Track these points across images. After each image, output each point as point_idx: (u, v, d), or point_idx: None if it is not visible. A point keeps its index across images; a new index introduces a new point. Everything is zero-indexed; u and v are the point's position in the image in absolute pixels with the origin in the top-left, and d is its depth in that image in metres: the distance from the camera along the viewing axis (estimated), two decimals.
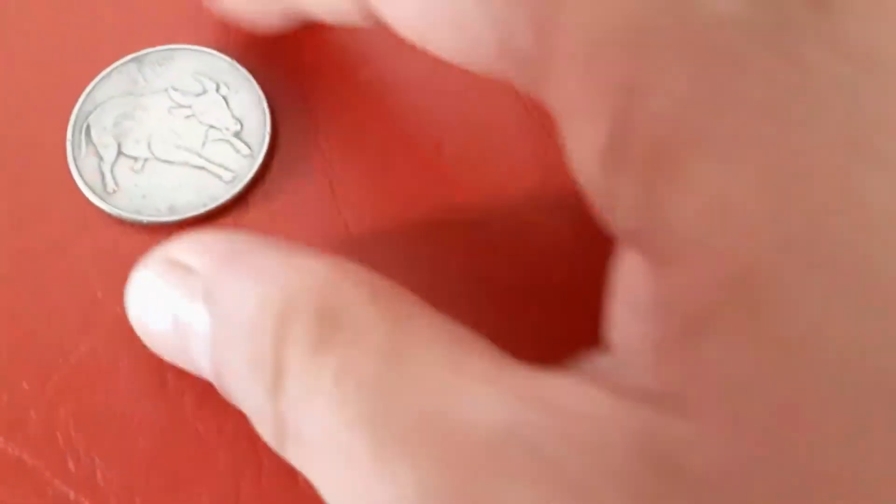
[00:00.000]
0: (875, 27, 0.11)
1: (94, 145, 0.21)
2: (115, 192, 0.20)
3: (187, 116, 0.21)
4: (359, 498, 0.13)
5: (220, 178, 0.20)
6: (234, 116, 0.21)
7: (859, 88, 0.11)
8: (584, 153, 0.13)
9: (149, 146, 0.21)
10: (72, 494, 0.17)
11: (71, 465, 0.18)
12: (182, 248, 0.16)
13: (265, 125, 0.21)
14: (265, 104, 0.21)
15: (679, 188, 0.11)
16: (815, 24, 0.11)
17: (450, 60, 0.16)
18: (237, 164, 0.20)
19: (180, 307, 0.16)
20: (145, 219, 0.20)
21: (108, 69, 0.21)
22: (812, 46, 0.11)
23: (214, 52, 0.21)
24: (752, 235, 0.11)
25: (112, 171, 0.20)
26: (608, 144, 0.12)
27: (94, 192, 0.20)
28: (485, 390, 0.12)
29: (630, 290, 0.13)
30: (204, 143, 0.21)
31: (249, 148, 0.21)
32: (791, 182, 0.11)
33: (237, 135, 0.21)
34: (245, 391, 0.15)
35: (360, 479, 0.13)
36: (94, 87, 0.21)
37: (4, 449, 0.18)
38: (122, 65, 0.21)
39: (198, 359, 0.16)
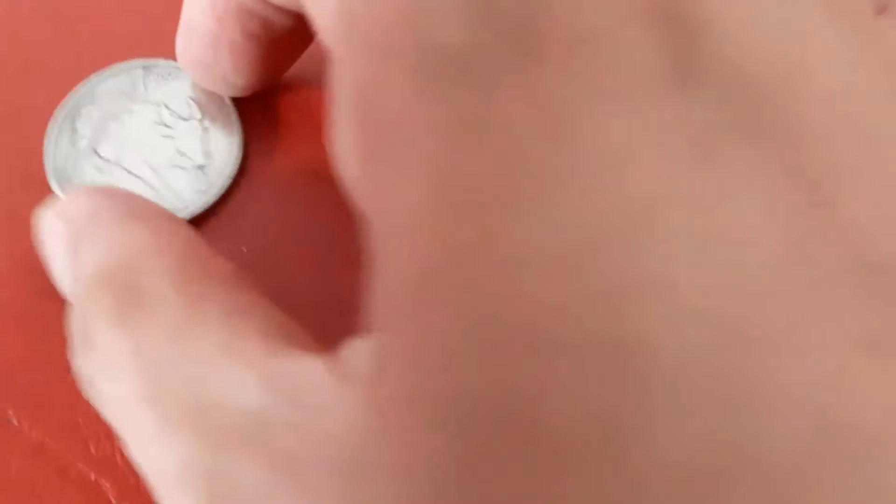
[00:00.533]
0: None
1: (76, 132, 0.22)
2: (71, 181, 0.21)
3: (165, 136, 0.22)
4: (152, 462, 0.14)
5: (170, 203, 0.21)
6: (205, 150, 0.22)
7: (536, 137, 0.11)
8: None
9: (120, 152, 0.22)
10: (92, 475, 0.19)
11: (92, 448, 0.19)
12: (69, 200, 0.17)
13: (226, 168, 0.22)
14: (238, 149, 0.22)
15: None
16: (517, 70, 0.12)
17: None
18: (191, 197, 0.21)
19: (56, 255, 0.17)
20: None
21: (117, 67, 0.22)
22: (506, 90, 0.12)
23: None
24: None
25: (77, 162, 0.22)
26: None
27: (55, 176, 0.21)
28: (244, 374, 0.13)
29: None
30: (169, 167, 0.22)
31: (207, 185, 0.22)
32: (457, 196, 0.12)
33: (201, 168, 0.22)
34: (73, 348, 0.16)
35: (150, 447, 0.14)
36: (98, 80, 0.22)
37: (28, 434, 0.19)
38: (131, 68, 0.23)
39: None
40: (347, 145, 0.13)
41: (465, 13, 0.12)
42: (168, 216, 0.17)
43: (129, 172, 0.22)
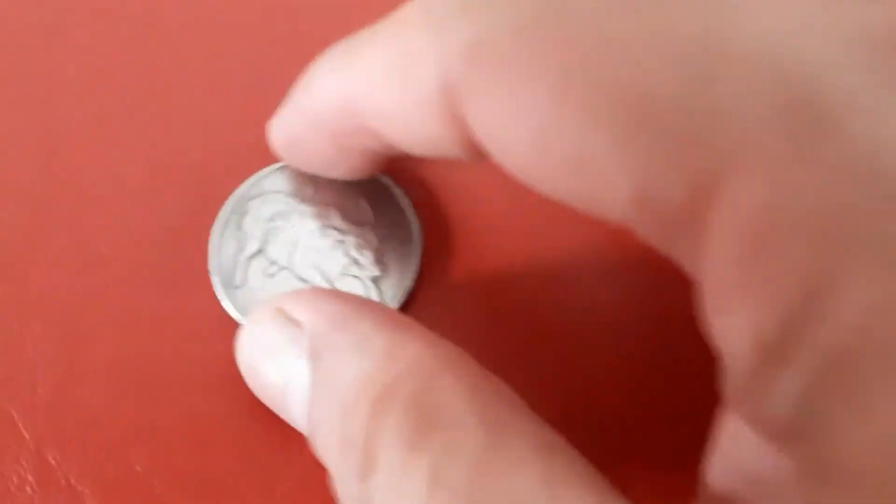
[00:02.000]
0: None
1: (243, 231, 0.20)
2: (238, 287, 0.20)
3: (338, 241, 0.20)
4: None
5: None
6: (379, 261, 0.20)
7: None
8: (736, 333, 0.12)
9: (290, 255, 0.20)
10: None
11: None
12: (296, 303, 0.16)
13: (405, 282, 0.20)
14: (416, 261, 0.20)
15: (855, 413, 0.11)
16: None
17: (560, 201, 0.15)
18: None
19: (286, 362, 0.16)
20: None
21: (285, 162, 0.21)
22: None
23: (392, 184, 0.21)
24: None
25: (247, 266, 0.20)
26: (770, 337, 0.11)
27: (220, 279, 0.20)
28: None
29: (738, 459, 0.13)
30: (341, 276, 0.20)
31: (381, 299, 0.20)
32: None
33: (375, 281, 0.20)
34: (335, 466, 0.15)
35: None
36: (266, 175, 0.21)
37: None
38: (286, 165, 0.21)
39: (295, 415, 0.16)
40: (754, 341, 0.12)
41: None
42: (428, 331, 0.15)
43: (300, 278, 0.20)
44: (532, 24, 0.13)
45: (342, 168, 0.19)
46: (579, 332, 0.20)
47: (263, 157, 0.21)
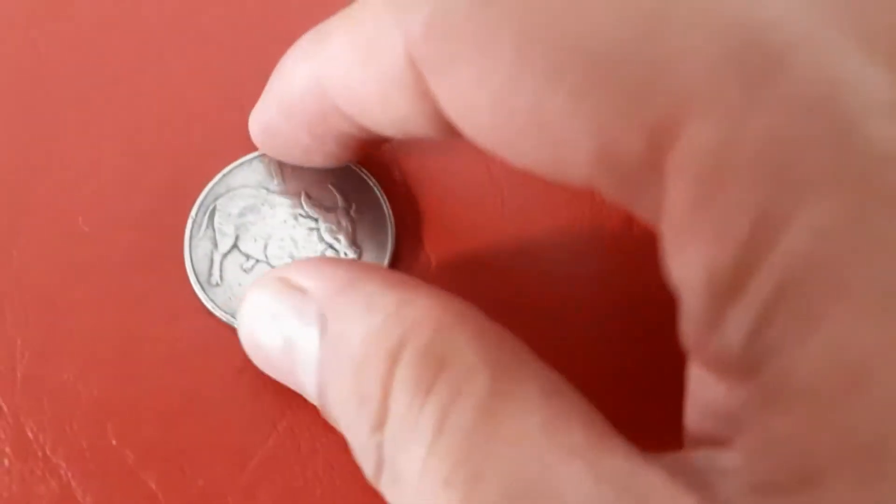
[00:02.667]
0: None
1: (213, 230, 0.20)
2: (217, 285, 0.20)
3: (310, 229, 0.20)
4: None
5: None
6: (354, 243, 0.20)
7: None
8: (691, 272, 0.12)
9: (265, 248, 0.20)
10: None
11: None
12: (299, 271, 0.16)
13: (383, 262, 0.20)
14: (391, 240, 0.20)
15: (806, 338, 0.11)
16: None
17: (525, 168, 0.15)
18: None
19: (292, 327, 0.16)
20: (237, 323, 0.19)
21: (251, 156, 0.21)
22: None
23: (359, 168, 0.21)
24: (888, 407, 0.11)
25: (222, 263, 0.20)
26: (724, 272, 0.12)
27: (198, 278, 0.20)
28: (576, 468, 0.12)
29: (708, 401, 0.13)
30: None
31: None
32: None
33: None
34: (348, 421, 0.15)
35: None
36: (231, 171, 0.21)
37: None
38: (265, 154, 0.21)
39: (303, 380, 0.16)
40: (708, 276, 0.12)
41: None
42: (436, 288, 0.15)
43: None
44: None
45: (318, 155, 0.19)
46: (554, 308, 0.20)
47: (241, 144, 0.21)
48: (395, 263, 0.20)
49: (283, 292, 0.16)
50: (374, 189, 0.21)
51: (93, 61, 0.22)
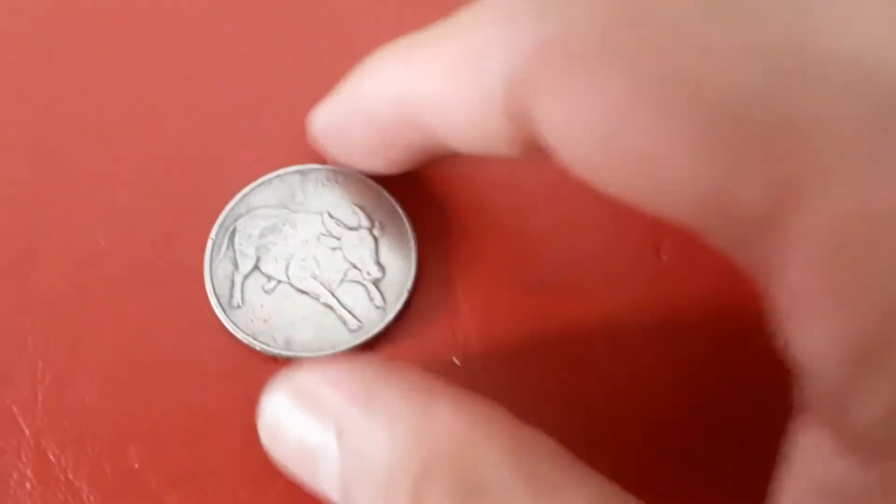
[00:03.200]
0: None
1: (233, 250, 0.20)
2: (239, 307, 0.19)
3: (333, 248, 0.20)
4: None
5: (345, 323, 0.19)
6: (378, 262, 0.20)
7: None
8: (822, 341, 0.12)
9: (286, 269, 0.20)
10: None
11: None
12: (315, 379, 0.16)
13: (407, 281, 0.20)
14: (413, 258, 0.20)
15: None
16: None
17: (614, 195, 0.14)
18: (366, 314, 0.19)
19: (312, 437, 0.16)
20: (258, 346, 0.19)
21: (270, 175, 0.21)
22: None
23: (380, 187, 0.21)
24: None
25: (243, 284, 0.20)
26: (862, 345, 0.11)
27: (218, 301, 0.19)
28: None
29: (815, 474, 0.12)
30: (340, 282, 0.20)
31: (384, 300, 0.20)
32: None
33: (376, 283, 0.20)
34: None
35: None
36: (251, 191, 0.20)
37: None
38: (285, 174, 0.21)
39: (326, 487, 0.16)
40: (839, 347, 0.11)
41: None
42: (457, 389, 0.15)
43: (299, 290, 0.20)
44: (611, 28, 0.13)
45: (381, 161, 0.19)
46: (586, 324, 0.20)
47: (260, 163, 0.21)
48: (418, 282, 0.20)
49: (301, 399, 0.16)
50: (397, 208, 0.20)
51: (112, 77, 0.22)
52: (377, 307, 0.19)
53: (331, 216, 0.20)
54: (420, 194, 0.21)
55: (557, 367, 0.20)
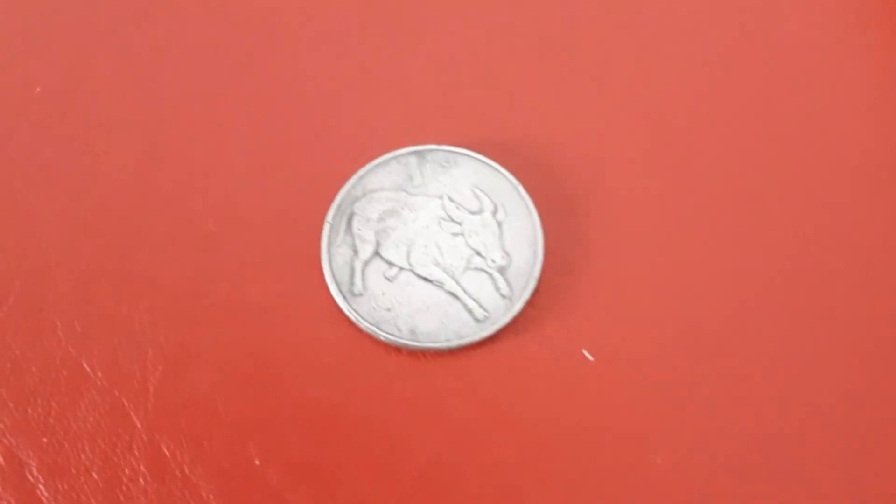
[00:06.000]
0: None
1: (352, 236, 0.19)
2: (360, 294, 0.18)
3: (455, 234, 0.19)
4: None
5: (471, 312, 0.18)
6: (503, 249, 0.19)
7: None
8: None
9: (408, 255, 0.19)
10: None
11: None
12: None
13: (534, 267, 0.19)
14: (541, 244, 0.19)
15: None
16: None
17: None
18: (493, 303, 0.18)
19: None
20: (383, 335, 0.18)
21: (387, 156, 0.20)
22: None
23: (501, 168, 0.20)
24: None
25: (364, 271, 0.19)
26: None
27: (339, 288, 0.18)
28: None
29: None
30: (465, 269, 0.19)
31: (511, 289, 0.19)
32: None
33: (502, 271, 0.19)
34: None
35: None
36: (367, 172, 0.19)
37: None
38: (402, 155, 0.20)
39: None
40: None
41: None
42: None
43: (422, 278, 0.19)
44: None
45: None
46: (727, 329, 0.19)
47: (375, 144, 0.20)
48: (546, 269, 0.19)
49: None
50: (520, 189, 0.19)
51: (220, 55, 0.21)
52: (503, 296, 0.18)
53: (451, 200, 0.19)
54: (543, 174, 0.20)
55: (699, 370, 0.19)
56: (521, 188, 0.19)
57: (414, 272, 0.19)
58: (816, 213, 0.20)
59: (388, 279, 0.19)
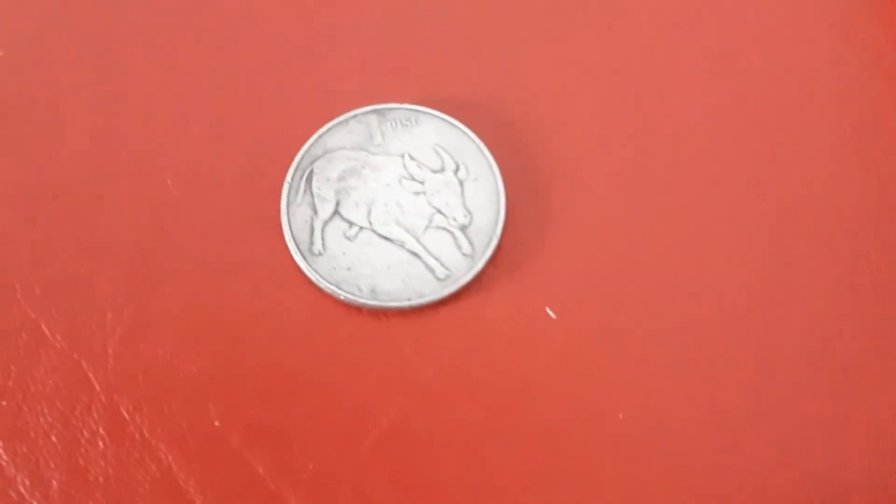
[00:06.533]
0: None
1: (312, 195, 0.19)
2: (320, 254, 0.18)
3: (416, 193, 0.19)
4: None
5: (432, 272, 0.18)
6: (465, 207, 0.19)
7: None
8: None
9: (368, 214, 0.19)
10: None
11: None
12: None
13: (496, 226, 0.19)
14: (502, 203, 0.19)
15: None
16: None
17: None
18: (454, 262, 0.18)
19: None
20: (343, 295, 0.18)
21: (346, 115, 0.19)
22: None
23: (463, 126, 0.19)
24: None
25: (323, 231, 0.18)
26: None
27: (298, 248, 0.18)
28: None
29: None
30: (426, 228, 0.19)
31: (472, 248, 0.18)
32: None
33: (463, 229, 0.19)
34: None
35: None
36: (327, 131, 0.19)
37: None
38: (362, 114, 0.19)
39: None
40: None
41: None
42: None
43: (383, 237, 0.18)
44: None
45: None
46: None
47: (335, 103, 0.19)
48: (508, 228, 0.19)
49: None
50: (482, 147, 0.19)
51: (178, 18, 0.21)
52: (465, 255, 0.18)
53: (412, 158, 0.19)
54: (505, 132, 0.20)
55: (661, 326, 0.19)
56: (483, 146, 0.19)
57: (375, 231, 0.19)
58: (784, 169, 0.20)
59: (349, 239, 0.18)
